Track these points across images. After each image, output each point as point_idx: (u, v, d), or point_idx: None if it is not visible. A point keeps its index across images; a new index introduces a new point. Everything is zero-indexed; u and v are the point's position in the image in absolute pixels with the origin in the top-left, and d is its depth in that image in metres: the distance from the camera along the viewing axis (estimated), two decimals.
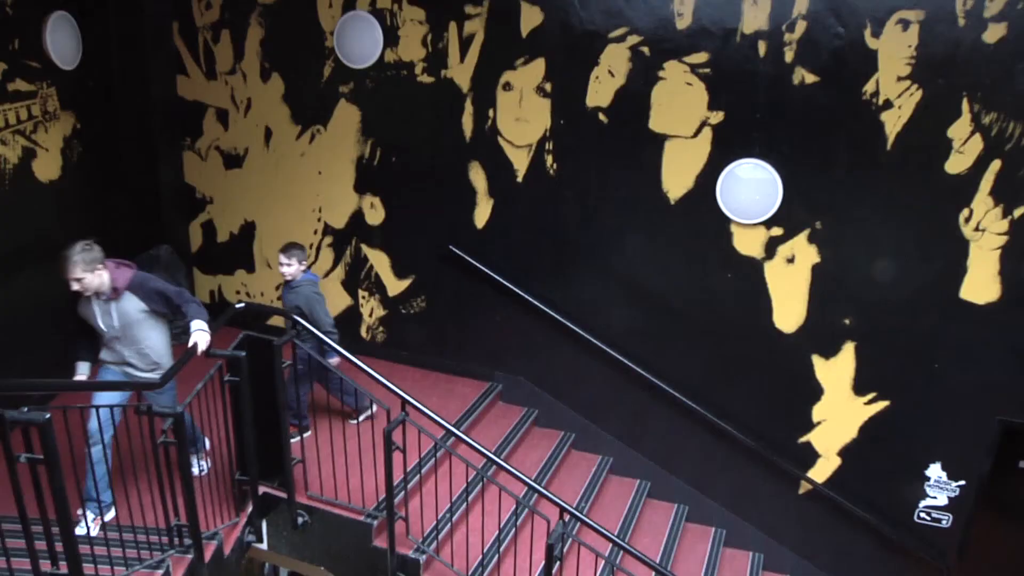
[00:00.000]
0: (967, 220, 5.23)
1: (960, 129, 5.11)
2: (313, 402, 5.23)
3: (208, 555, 4.59)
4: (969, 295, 5.37)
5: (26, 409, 3.25)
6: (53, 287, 6.24)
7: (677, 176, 5.86)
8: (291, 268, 5.58)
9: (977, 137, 5.08)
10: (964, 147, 5.11)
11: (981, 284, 5.32)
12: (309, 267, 5.97)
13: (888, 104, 5.22)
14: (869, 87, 5.22)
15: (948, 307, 5.42)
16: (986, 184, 5.14)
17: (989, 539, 6.17)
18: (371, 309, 7.16)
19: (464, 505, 5.33)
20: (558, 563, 4.77)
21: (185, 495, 4.30)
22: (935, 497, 5.84)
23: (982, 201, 5.17)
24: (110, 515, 4.70)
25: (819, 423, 6.00)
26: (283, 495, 5.17)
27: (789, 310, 5.83)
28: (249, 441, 4.89)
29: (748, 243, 5.81)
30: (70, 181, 6.36)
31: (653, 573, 5.22)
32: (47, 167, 6.13)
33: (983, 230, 5.21)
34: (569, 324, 6.38)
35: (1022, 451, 6.00)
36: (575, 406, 6.78)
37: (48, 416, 3.24)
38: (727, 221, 5.80)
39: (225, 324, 4.99)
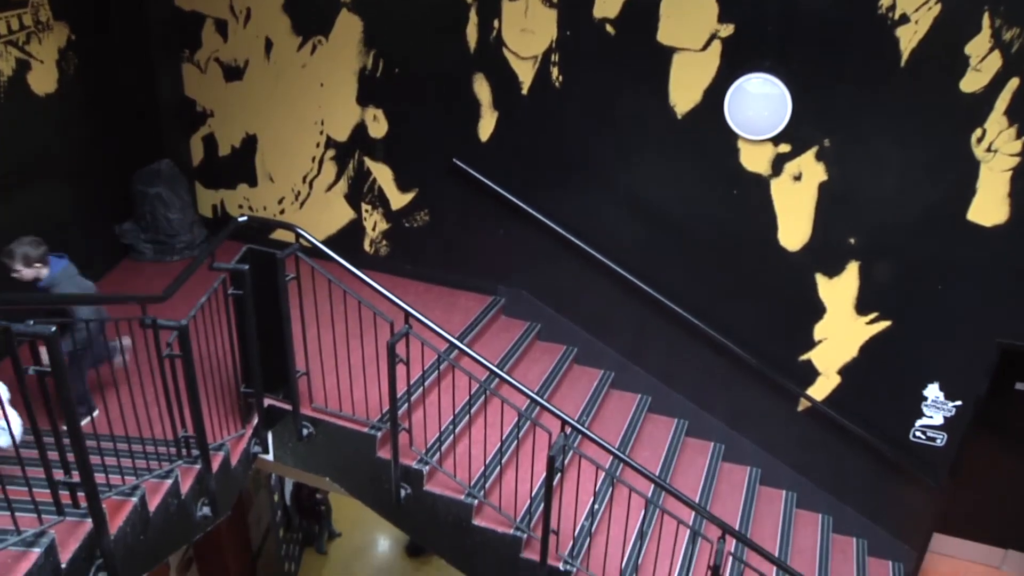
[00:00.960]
0: (979, 140, 5.13)
1: (978, 45, 4.96)
2: (316, 313, 5.20)
3: (215, 466, 4.70)
4: (977, 217, 5.31)
5: (32, 322, 3.28)
6: (53, 203, 6.25)
7: (685, 90, 5.73)
8: (24, 273, 4.71)
9: (996, 54, 4.93)
10: (981, 64, 4.97)
11: (990, 206, 5.25)
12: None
13: (904, 19, 5.06)
14: (885, 0, 5.06)
15: (955, 228, 5.37)
16: (1002, 103, 5.01)
17: (982, 459, 6.29)
18: (374, 223, 7.13)
19: (467, 418, 5.43)
20: (559, 475, 4.88)
21: (191, 407, 4.38)
22: (931, 416, 5.92)
23: (996, 121, 5.06)
24: None
25: (820, 342, 6.04)
26: (288, 407, 5.25)
27: (794, 228, 5.79)
28: (253, 354, 4.95)
29: (755, 159, 5.72)
30: (67, 94, 6.26)
31: (652, 485, 5.35)
32: (43, 80, 6.02)
33: (995, 151, 5.12)
34: (572, 238, 6.36)
35: (1020, 373, 6.06)
36: (577, 321, 6.82)
37: (54, 329, 3.27)
38: (734, 137, 5.70)
39: (228, 238, 4.99)
